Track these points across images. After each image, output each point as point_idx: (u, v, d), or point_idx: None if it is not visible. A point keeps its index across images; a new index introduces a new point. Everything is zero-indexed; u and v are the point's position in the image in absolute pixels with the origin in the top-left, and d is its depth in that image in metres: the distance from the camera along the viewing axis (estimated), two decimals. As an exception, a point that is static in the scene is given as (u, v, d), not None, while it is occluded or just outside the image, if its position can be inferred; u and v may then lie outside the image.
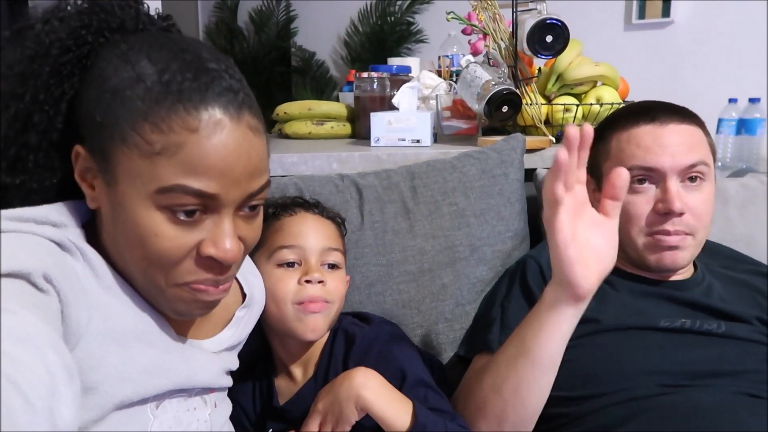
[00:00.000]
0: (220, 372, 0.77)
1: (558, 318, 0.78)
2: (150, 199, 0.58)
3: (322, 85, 3.43)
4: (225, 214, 0.61)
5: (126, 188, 0.59)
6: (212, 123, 0.58)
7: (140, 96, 0.58)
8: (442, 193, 1.14)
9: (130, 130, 0.58)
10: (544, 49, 1.31)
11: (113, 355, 0.61)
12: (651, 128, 0.97)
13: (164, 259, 0.61)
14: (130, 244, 0.61)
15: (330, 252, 0.89)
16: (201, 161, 0.57)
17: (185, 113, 0.57)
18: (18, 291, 0.52)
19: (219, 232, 0.61)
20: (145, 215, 0.59)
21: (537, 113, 1.38)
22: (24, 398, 0.42)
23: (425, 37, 3.15)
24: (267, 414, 0.92)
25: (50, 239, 0.59)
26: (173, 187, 0.58)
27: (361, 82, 1.60)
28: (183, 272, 0.62)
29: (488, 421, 0.84)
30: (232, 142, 0.59)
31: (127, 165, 0.58)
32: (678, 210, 0.92)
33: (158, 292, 0.64)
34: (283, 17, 3.57)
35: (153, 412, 0.66)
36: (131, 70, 0.59)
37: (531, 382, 0.81)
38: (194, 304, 0.65)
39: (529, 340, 0.80)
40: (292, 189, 1.09)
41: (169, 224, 0.59)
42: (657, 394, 0.84)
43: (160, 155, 0.57)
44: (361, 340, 0.88)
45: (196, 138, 0.57)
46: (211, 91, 0.58)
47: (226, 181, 0.59)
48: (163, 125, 0.57)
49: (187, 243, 0.61)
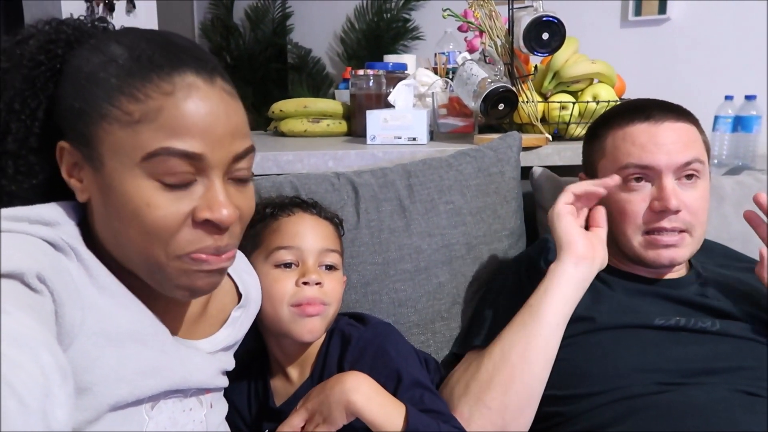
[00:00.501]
0: (215, 372, 0.76)
1: (560, 280, 0.89)
2: (138, 168, 0.59)
3: (318, 82, 3.43)
4: (214, 177, 0.61)
5: (113, 165, 0.59)
6: (186, 85, 0.59)
7: (114, 74, 0.59)
8: (438, 192, 1.14)
9: (108, 105, 0.59)
10: (541, 47, 1.31)
11: (107, 356, 0.61)
12: (646, 126, 0.97)
13: (160, 230, 0.60)
14: (125, 222, 0.60)
15: (327, 253, 0.89)
16: (181, 122, 0.59)
17: (159, 80, 0.59)
18: (12, 291, 0.51)
19: (211, 195, 0.61)
20: (135, 186, 0.59)
21: (533, 111, 1.38)
22: (18, 399, 0.42)
23: (421, 34, 3.15)
24: (263, 415, 0.91)
25: (43, 239, 0.59)
26: (158, 150, 0.58)
27: (357, 79, 1.59)
28: (182, 242, 0.61)
29: (493, 392, 0.85)
30: (208, 101, 0.60)
31: (109, 141, 0.59)
32: (674, 207, 0.93)
33: (160, 271, 0.63)
34: (279, 14, 3.56)
35: (148, 413, 0.66)
36: (102, 56, 0.61)
37: (538, 345, 0.87)
38: (198, 276, 0.64)
39: (536, 305, 0.89)
40: (288, 187, 1.09)
41: (160, 192, 0.59)
42: (652, 393, 0.84)
43: (141, 123, 0.58)
44: (356, 341, 0.87)
45: (173, 100, 0.58)
46: (180, 59, 0.60)
47: (208, 141, 0.60)
48: (139, 94, 0.58)
49: (181, 210, 0.60)
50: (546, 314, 0.88)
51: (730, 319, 0.93)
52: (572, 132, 1.42)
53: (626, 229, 0.97)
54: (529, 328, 0.87)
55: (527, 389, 0.85)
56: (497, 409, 0.84)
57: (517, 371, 0.85)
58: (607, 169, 1.01)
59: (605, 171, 1.01)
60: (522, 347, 0.86)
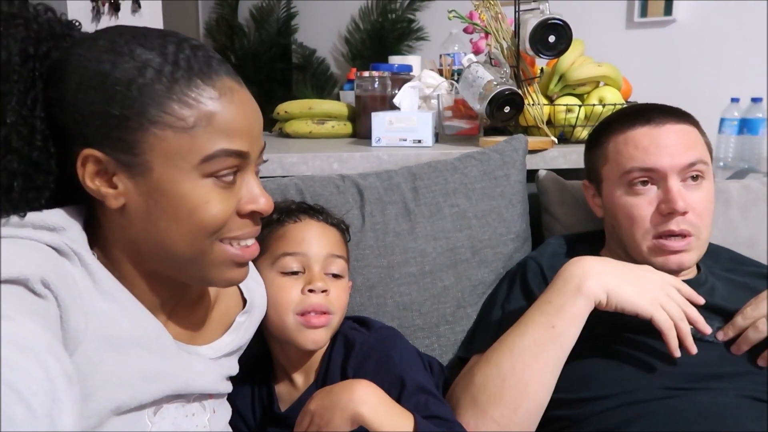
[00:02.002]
0: (218, 378, 0.76)
1: (586, 314, 0.85)
2: (195, 171, 0.61)
3: (323, 82, 3.43)
4: (250, 172, 0.66)
5: (164, 170, 0.61)
6: (228, 89, 0.63)
7: (155, 79, 0.60)
8: (443, 195, 1.14)
9: (160, 112, 0.60)
10: (547, 50, 1.30)
11: (110, 361, 0.61)
12: (647, 129, 0.97)
13: (217, 224, 0.64)
14: (177, 222, 0.62)
15: (334, 260, 0.89)
16: (232, 124, 0.62)
17: (204, 84, 0.61)
18: (16, 297, 0.51)
19: (252, 188, 0.66)
20: (192, 187, 0.62)
21: (539, 114, 1.37)
22: (26, 405, 0.42)
23: (426, 34, 3.14)
24: (267, 420, 0.91)
25: (47, 244, 0.59)
26: (217, 152, 0.62)
27: (362, 81, 1.59)
28: (227, 230, 0.65)
29: (504, 408, 0.84)
30: (246, 103, 0.65)
31: (161, 147, 0.60)
32: (681, 209, 0.93)
33: (202, 258, 0.65)
34: (283, 14, 3.56)
35: (150, 418, 0.66)
36: (131, 60, 0.60)
37: (555, 367, 0.85)
38: (233, 265, 0.68)
39: (559, 327, 0.85)
40: (293, 190, 1.08)
41: (216, 189, 0.63)
42: (660, 398, 0.84)
43: (195, 127, 0.61)
44: (360, 347, 0.87)
45: (222, 104, 0.62)
46: (212, 63, 0.63)
47: (250, 138, 0.65)
48: (189, 99, 0.61)
49: (231, 204, 0.64)
50: (568, 340, 0.85)
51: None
52: (578, 135, 1.42)
53: (635, 234, 0.97)
54: (548, 349, 0.85)
55: (537, 406, 0.85)
56: (506, 425, 0.83)
57: (531, 390, 0.84)
58: (611, 174, 1.01)
59: (609, 176, 1.01)
60: (539, 367, 0.84)
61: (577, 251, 1.08)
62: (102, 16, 2.69)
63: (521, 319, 0.89)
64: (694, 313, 0.85)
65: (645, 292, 0.85)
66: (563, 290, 0.86)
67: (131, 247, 0.65)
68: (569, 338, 0.85)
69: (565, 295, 0.85)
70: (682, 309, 0.85)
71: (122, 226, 0.64)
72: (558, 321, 0.85)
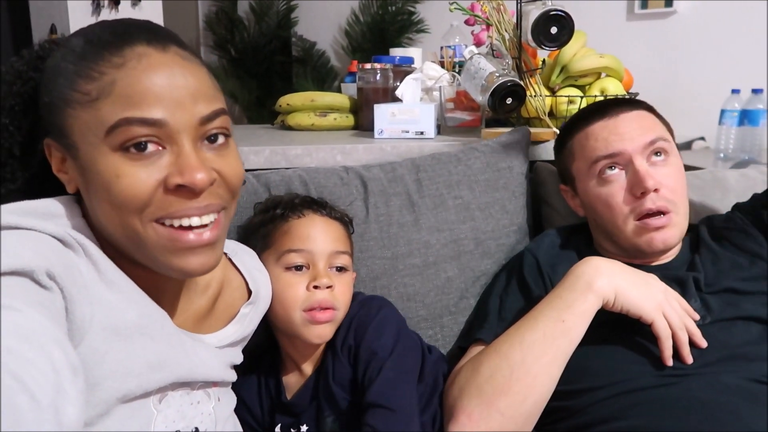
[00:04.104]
0: (222, 366, 0.77)
1: (594, 312, 0.87)
2: (104, 144, 0.59)
3: (323, 75, 3.42)
4: (183, 142, 0.61)
5: (84, 147, 0.61)
6: (136, 55, 0.60)
7: (71, 61, 0.62)
8: (447, 186, 1.14)
9: (70, 91, 0.61)
10: (549, 41, 1.30)
11: (116, 350, 0.61)
12: (604, 122, 1.02)
13: (131, 198, 0.60)
14: (101, 199, 0.61)
15: (338, 255, 0.90)
16: (135, 90, 0.59)
17: (109, 55, 0.60)
18: (22, 289, 0.52)
19: (181, 160, 0.61)
20: (104, 161, 0.60)
21: (541, 105, 1.38)
22: (30, 396, 0.43)
23: (426, 27, 3.13)
24: (275, 409, 0.92)
25: (51, 235, 0.59)
26: (118, 122, 0.59)
27: (364, 73, 1.59)
28: (154, 208, 0.61)
29: (510, 399, 0.84)
30: (161, 67, 0.61)
31: (77, 125, 0.61)
32: (652, 187, 0.95)
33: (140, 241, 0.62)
34: (283, 7, 3.55)
35: (156, 406, 0.66)
36: (63, 48, 0.64)
37: (563, 361, 0.87)
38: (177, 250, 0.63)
39: (570, 321, 0.86)
40: (297, 181, 1.09)
41: (128, 162, 0.60)
42: (654, 386, 0.85)
43: (98, 99, 0.59)
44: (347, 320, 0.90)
45: (125, 71, 0.59)
46: (130, 33, 0.62)
47: (167, 105, 0.60)
48: (93, 73, 0.60)
49: (151, 177, 0.60)
50: (576, 335, 0.87)
51: (722, 293, 0.94)
52: (580, 126, 1.42)
53: (616, 220, 1.00)
54: (558, 343, 0.86)
55: (543, 399, 0.86)
56: (510, 416, 0.84)
57: (538, 382, 0.85)
58: (581, 170, 1.04)
59: (580, 172, 1.05)
60: (548, 360, 0.86)
61: (574, 243, 1.10)
62: (102, 9, 2.68)
63: (531, 312, 0.90)
64: (692, 326, 0.88)
65: (650, 297, 0.87)
66: (574, 287, 0.88)
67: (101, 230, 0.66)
68: (578, 333, 0.87)
69: (576, 291, 0.88)
70: (682, 320, 0.87)
71: (87, 210, 0.66)
72: (568, 316, 0.86)
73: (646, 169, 0.96)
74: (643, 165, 0.97)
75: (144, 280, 0.67)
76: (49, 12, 2.63)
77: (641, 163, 0.97)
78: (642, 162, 0.97)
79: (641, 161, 0.97)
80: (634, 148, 0.98)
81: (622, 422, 0.83)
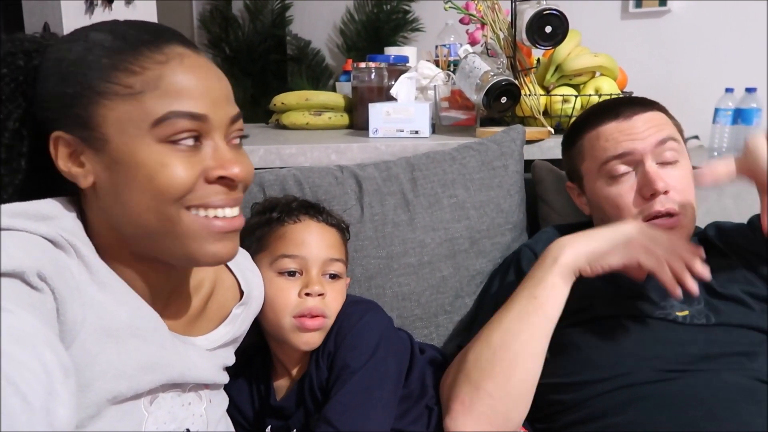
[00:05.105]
0: (214, 368, 0.76)
1: (569, 280, 0.89)
2: (148, 136, 0.61)
3: (318, 73, 3.41)
4: (218, 138, 0.64)
5: (120, 140, 0.61)
6: (177, 54, 0.63)
7: (103, 54, 0.62)
8: (442, 185, 1.14)
9: (106, 83, 0.61)
10: (543, 40, 1.31)
11: (108, 352, 0.61)
12: (616, 124, 1.00)
13: (176, 187, 0.62)
14: (138, 190, 0.61)
15: (332, 262, 0.89)
16: (182, 85, 0.62)
17: (150, 52, 0.62)
18: (13, 290, 0.52)
19: (220, 155, 0.64)
20: (148, 152, 0.61)
21: (536, 104, 1.38)
22: (22, 398, 0.43)
23: (421, 25, 3.13)
24: (265, 412, 0.92)
25: (43, 236, 0.59)
26: (166, 115, 0.61)
27: (358, 72, 1.59)
28: (192, 197, 0.63)
29: (496, 379, 0.86)
30: (201, 67, 0.64)
31: (114, 116, 0.61)
32: (662, 188, 0.94)
33: (172, 228, 0.63)
34: (278, 5, 3.54)
35: (147, 408, 0.66)
36: (84, 43, 0.63)
37: (542, 336, 0.88)
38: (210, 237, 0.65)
39: (542, 298, 0.88)
40: (291, 181, 1.09)
41: (172, 153, 0.62)
42: (653, 381, 0.85)
43: (143, 92, 0.61)
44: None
45: (170, 67, 0.62)
46: (164, 33, 0.65)
47: (209, 101, 0.63)
48: (135, 67, 0.61)
49: (193, 170, 0.62)
50: (552, 309, 0.88)
51: (730, 300, 0.93)
52: (574, 125, 1.42)
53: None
54: (533, 319, 0.87)
55: (528, 377, 0.87)
56: (499, 397, 0.85)
57: (520, 359, 0.86)
58: (590, 171, 1.04)
59: (589, 172, 1.04)
60: (526, 337, 0.87)
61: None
62: (96, 8, 2.67)
63: (509, 298, 0.92)
64: (686, 252, 0.86)
65: (624, 242, 0.87)
66: (543, 265, 0.90)
67: (114, 230, 0.65)
68: (552, 308, 0.88)
69: (545, 268, 0.90)
70: (672, 248, 0.85)
71: (100, 209, 0.65)
72: (540, 292, 0.88)
73: (656, 171, 0.95)
74: (653, 166, 0.96)
75: (137, 281, 0.67)
76: (42, 11, 2.62)
77: (651, 165, 0.96)
78: (652, 164, 0.96)
79: (652, 163, 0.96)
80: (644, 147, 0.97)
81: (621, 417, 0.84)
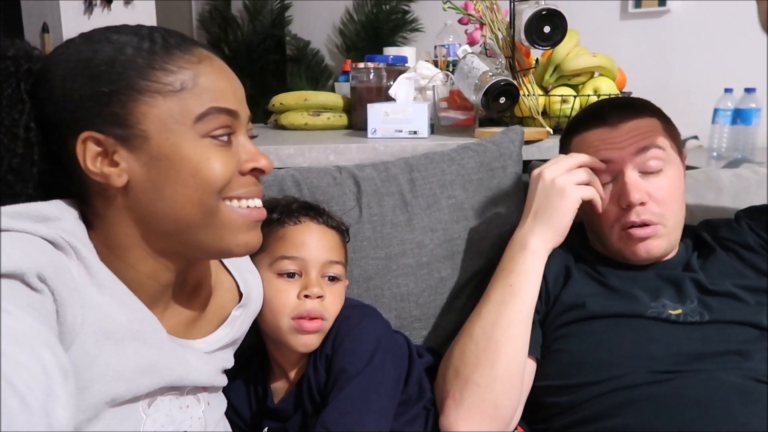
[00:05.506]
0: (213, 371, 0.76)
1: (541, 262, 0.94)
2: (192, 131, 0.64)
3: (317, 74, 3.41)
4: (242, 134, 0.69)
5: (162, 136, 0.63)
6: (206, 56, 0.67)
7: (135, 54, 0.63)
8: (440, 186, 1.14)
9: (145, 81, 0.62)
10: (542, 40, 1.30)
11: (107, 354, 0.61)
12: (601, 131, 1.00)
13: (220, 179, 0.65)
14: (183, 185, 0.64)
15: (331, 264, 0.89)
16: (218, 84, 0.66)
17: (182, 53, 0.65)
18: (13, 291, 0.52)
19: (249, 149, 0.69)
20: (193, 147, 0.64)
21: (534, 104, 1.38)
22: (20, 399, 0.43)
23: (420, 26, 3.13)
24: (263, 414, 0.92)
25: (43, 237, 0.59)
26: (209, 110, 0.64)
27: (357, 72, 1.59)
28: (230, 188, 0.67)
29: (481, 369, 0.88)
30: (224, 68, 0.68)
31: (155, 113, 0.62)
32: (636, 201, 0.94)
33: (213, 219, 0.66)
34: (277, 5, 3.54)
35: (145, 410, 0.66)
36: (109, 44, 0.63)
37: (521, 321, 0.91)
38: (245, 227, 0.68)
39: (517, 285, 0.92)
40: (290, 181, 1.09)
41: (214, 148, 0.65)
42: (648, 382, 0.85)
43: (183, 90, 0.63)
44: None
45: (204, 68, 0.65)
46: (186, 38, 0.68)
47: (237, 100, 0.68)
48: (172, 66, 0.64)
49: (232, 163, 0.66)
50: (527, 294, 0.92)
51: (723, 296, 0.93)
52: (573, 125, 1.42)
53: (603, 228, 1.00)
54: (509, 305, 0.91)
55: (513, 362, 0.89)
56: (486, 385, 0.87)
57: (501, 346, 0.88)
58: None
59: None
60: (505, 323, 0.90)
61: (569, 241, 1.09)
62: (94, 8, 2.67)
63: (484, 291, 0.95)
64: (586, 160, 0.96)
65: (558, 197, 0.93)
66: (512, 255, 0.95)
67: (141, 227, 0.65)
68: (528, 292, 0.92)
69: (515, 257, 0.94)
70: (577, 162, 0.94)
71: (128, 207, 0.64)
72: (513, 279, 0.92)
73: (633, 182, 0.95)
74: (632, 176, 0.95)
75: (137, 284, 0.67)
76: (41, 11, 2.62)
77: (630, 175, 0.95)
78: (632, 174, 0.96)
79: (632, 173, 0.96)
80: (622, 156, 0.96)
81: (616, 420, 0.84)
